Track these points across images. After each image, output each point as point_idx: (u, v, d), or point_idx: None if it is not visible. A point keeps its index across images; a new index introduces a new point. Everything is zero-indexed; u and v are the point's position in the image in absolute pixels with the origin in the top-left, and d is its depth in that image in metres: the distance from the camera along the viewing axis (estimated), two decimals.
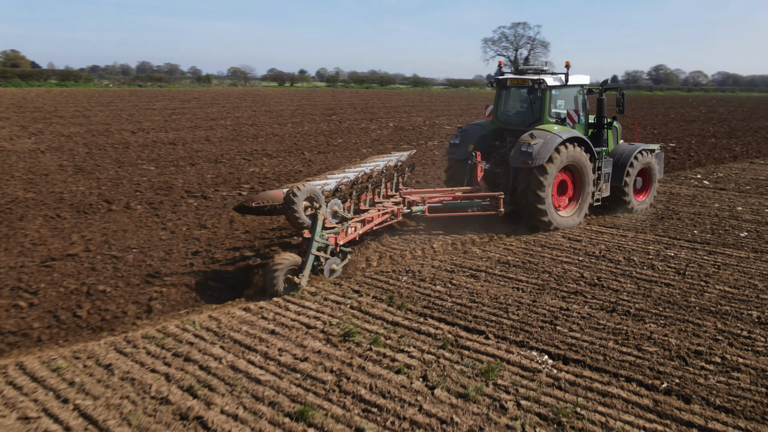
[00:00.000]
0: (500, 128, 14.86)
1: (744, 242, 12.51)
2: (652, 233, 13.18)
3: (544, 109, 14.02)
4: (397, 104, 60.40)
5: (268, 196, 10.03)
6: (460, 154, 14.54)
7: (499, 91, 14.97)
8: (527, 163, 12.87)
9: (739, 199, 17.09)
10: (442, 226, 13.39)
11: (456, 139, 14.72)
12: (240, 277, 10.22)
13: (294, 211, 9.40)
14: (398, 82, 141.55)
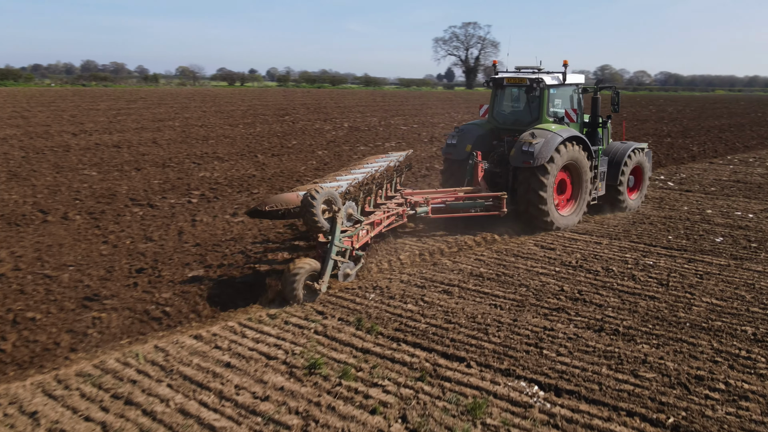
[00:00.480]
0: (497, 128, 14.72)
1: (721, 248, 12.03)
2: (626, 240, 12.63)
3: (542, 108, 13.94)
4: (351, 104, 59.49)
5: (281, 200, 9.71)
6: (458, 154, 14.30)
7: (495, 91, 14.82)
8: (529, 163, 12.76)
9: (706, 201, 16.74)
10: (408, 233, 12.61)
11: (453, 139, 14.47)
12: (190, 298, 9.22)
13: (313, 215, 9.07)
14: (350, 81, 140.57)
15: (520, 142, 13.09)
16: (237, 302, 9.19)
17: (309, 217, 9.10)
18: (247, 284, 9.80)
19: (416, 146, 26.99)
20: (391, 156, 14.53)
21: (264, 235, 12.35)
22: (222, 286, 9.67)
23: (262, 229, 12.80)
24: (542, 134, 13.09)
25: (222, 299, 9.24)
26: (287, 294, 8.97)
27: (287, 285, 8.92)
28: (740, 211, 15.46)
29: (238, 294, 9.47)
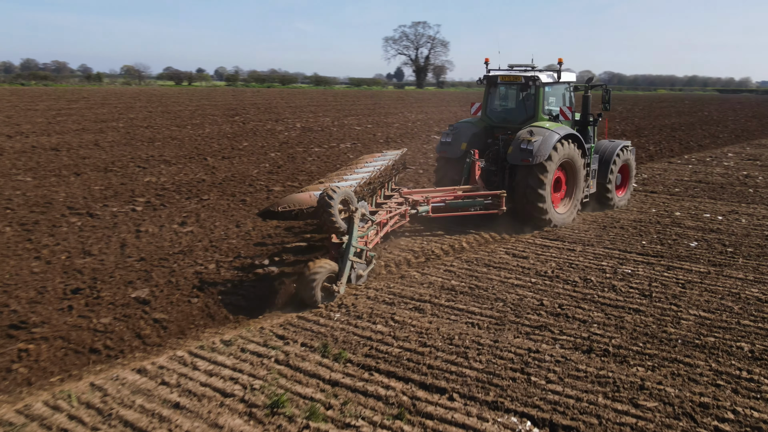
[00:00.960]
0: (490, 126, 14.64)
1: (698, 254, 11.56)
2: (600, 246, 12.06)
3: (538, 106, 13.94)
4: (302, 104, 58.33)
5: (294, 200, 9.56)
6: (453, 153, 14.14)
7: (488, 89, 14.77)
8: (528, 161, 12.77)
9: (673, 202, 16.38)
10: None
11: (447, 137, 14.31)
12: (133, 322, 8.21)
13: (330, 215, 8.94)
14: (300, 81, 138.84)
15: (518, 140, 13.06)
16: (187, 326, 8.24)
17: (326, 217, 8.96)
18: (199, 305, 8.84)
19: (372, 147, 26.19)
20: (388, 155, 14.28)
21: (215, 247, 11.37)
22: (170, 308, 8.68)
23: (213, 240, 11.81)
24: (540, 132, 13.08)
25: (170, 323, 8.26)
26: (305, 297, 8.76)
27: (305, 287, 8.70)
28: (708, 213, 15.11)
29: (189, 317, 8.51)
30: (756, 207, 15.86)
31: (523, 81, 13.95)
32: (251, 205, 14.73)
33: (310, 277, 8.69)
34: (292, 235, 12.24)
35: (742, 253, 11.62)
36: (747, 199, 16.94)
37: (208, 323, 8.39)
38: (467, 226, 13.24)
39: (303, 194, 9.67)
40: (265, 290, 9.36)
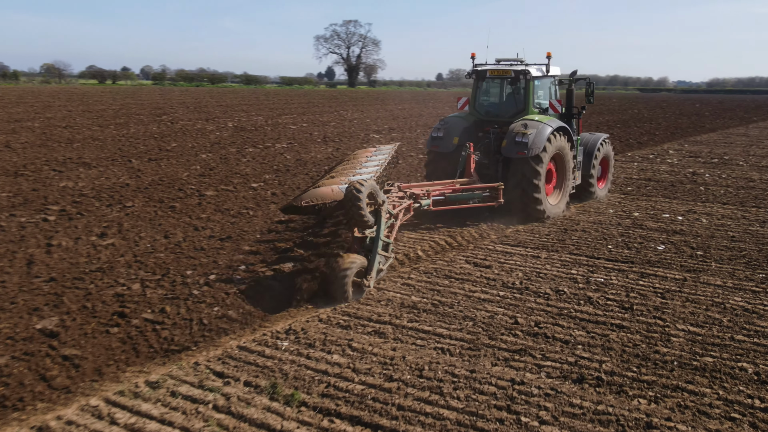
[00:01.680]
0: (479, 120, 14.71)
1: (668, 259, 10.83)
2: (565, 252, 11.21)
3: (528, 99, 14.10)
4: (233, 102, 56.32)
5: (317, 195, 9.42)
6: (445, 147, 14.10)
7: (477, 83, 14.84)
8: (523, 153, 12.87)
9: (628, 202, 15.76)
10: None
11: (439, 132, 14.27)
12: (38, 362, 6.77)
13: (359, 208, 8.86)
14: (230, 80, 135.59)
15: (513, 133, 13.20)
16: (105, 364, 6.86)
17: (355, 211, 8.85)
18: (120, 335, 7.45)
19: (309, 147, 24.93)
20: (383, 149, 14.08)
21: (140, 262, 9.93)
22: (83, 341, 7.24)
23: (137, 254, 10.36)
24: (534, 125, 13.21)
25: (83, 361, 6.84)
26: (336, 293, 8.56)
27: (337, 283, 8.51)
28: (667, 213, 14.52)
29: (107, 351, 7.11)
30: (712, 206, 15.39)
31: (513, 75, 14.10)
32: (181, 212, 13.28)
33: (341, 273, 8.49)
34: (231, 246, 10.91)
35: (713, 257, 10.95)
36: (701, 197, 16.49)
37: (130, 359, 7.03)
38: (418, 229, 12.23)
39: (325, 189, 9.36)
40: (202, 314, 8.04)
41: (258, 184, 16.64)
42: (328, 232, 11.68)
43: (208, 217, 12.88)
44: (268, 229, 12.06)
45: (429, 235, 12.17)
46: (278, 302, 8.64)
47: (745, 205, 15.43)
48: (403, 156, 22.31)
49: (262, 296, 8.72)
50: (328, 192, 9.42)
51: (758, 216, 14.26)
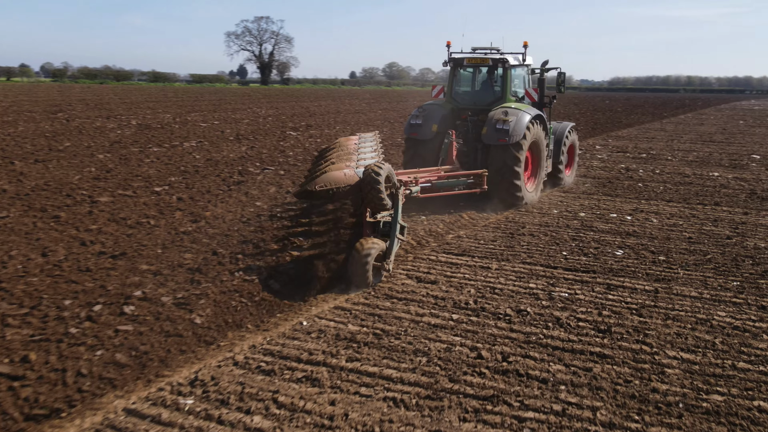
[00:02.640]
0: (456, 107, 14.77)
1: (630, 266, 9.67)
2: (517, 261, 9.87)
3: (506, 87, 14.27)
4: (139, 100, 52.95)
5: (331, 179, 9.16)
6: (424, 134, 14.09)
7: (454, 71, 14.98)
8: (504, 140, 12.99)
9: (570, 200, 14.68)
10: None
11: (418, 119, 14.26)
12: None
13: (379, 191, 8.82)
14: (136, 77, 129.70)
15: (493, 120, 13.29)
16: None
17: (374, 194, 8.77)
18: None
19: (221, 145, 22.88)
20: (366, 137, 13.92)
21: (4, 290, 7.90)
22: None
23: (2, 278, 8.30)
24: (513, 113, 13.34)
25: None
26: (357, 277, 8.44)
27: (358, 267, 8.38)
28: (613, 212, 13.49)
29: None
30: (656, 204, 14.48)
31: (491, 63, 14.31)
32: (67, 223, 11.19)
33: (364, 256, 8.34)
34: (125, 265, 8.98)
35: (678, 263, 9.86)
36: (642, 194, 15.61)
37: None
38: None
39: (338, 173, 9.09)
40: (80, 362, 6.18)
41: (162, 188, 14.62)
42: (201, 260, 9.95)
43: (99, 229, 10.85)
44: (172, 241, 10.19)
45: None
46: (182, 341, 6.87)
47: (690, 203, 14.61)
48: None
49: (161, 333, 6.93)
50: (340, 176, 9.07)
51: (707, 214, 13.42)
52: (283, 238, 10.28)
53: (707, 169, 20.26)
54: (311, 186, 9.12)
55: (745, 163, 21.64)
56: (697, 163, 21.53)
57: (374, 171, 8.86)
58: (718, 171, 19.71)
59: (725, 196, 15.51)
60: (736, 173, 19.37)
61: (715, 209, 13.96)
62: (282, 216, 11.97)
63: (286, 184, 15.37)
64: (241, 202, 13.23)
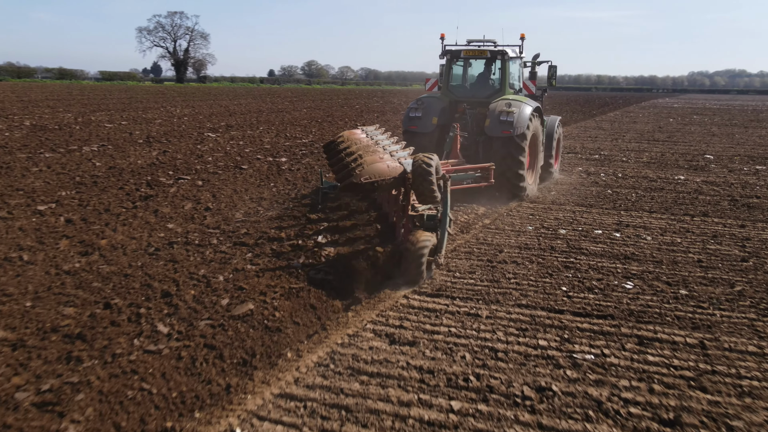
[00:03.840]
0: (453, 100, 14.61)
1: (652, 305, 7.63)
2: (508, 302, 7.67)
3: (505, 80, 14.18)
4: (38, 98, 48.29)
5: (375, 171, 8.32)
6: (424, 128, 13.87)
7: (450, 63, 14.76)
8: (509, 132, 12.87)
9: (542, 214, 12.63)
10: None
11: (417, 111, 14.02)
12: None
13: (431, 183, 8.27)
14: (40, 74, 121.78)
15: (495, 112, 13.16)
16: None
17: (426, 185, 8.28)
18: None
19: (127, 150, 19.85)
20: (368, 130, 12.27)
21: None
22: None
23: None
24: (516, 104, 13.22)
25: None
26: (412, 272, 8.21)
27: (413, 262, 8.15)
28: (597, 227, 11.53)
29: None
30: (639, 215, 12.63)
31: (490, 55, 14.23)
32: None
33: (418, 251, 8.16)
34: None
35: (705, 298, 7.89)
36: (617, 204, 13.75)
37: None
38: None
39: (382, 165, 8.57)
40: None
41: (47, 206, 11.70)
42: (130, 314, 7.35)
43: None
44: (49, 287, 7.47)
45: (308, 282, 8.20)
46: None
47: (674, 213, 12.83)
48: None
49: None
50: (384, 168, 8.53)
51: (701, 228, 11.64)
52: (207, 289, 7.75)
53: (669, 171, 18.74)
54: (356, 179, 8.36)
55: (703, 164, 20.31)
56: (655, 165, 20.02)
57: (425, 162, 8.34)
58: (682, 174, 18.19)
59: (706, 204, 13.84)
60: (701, 176, 17.91)
61: (706, 221, 12.21)
62: (202, 245, 9.40)
63: (205, 199, 12.73)
64: (149, 225, 10.56)
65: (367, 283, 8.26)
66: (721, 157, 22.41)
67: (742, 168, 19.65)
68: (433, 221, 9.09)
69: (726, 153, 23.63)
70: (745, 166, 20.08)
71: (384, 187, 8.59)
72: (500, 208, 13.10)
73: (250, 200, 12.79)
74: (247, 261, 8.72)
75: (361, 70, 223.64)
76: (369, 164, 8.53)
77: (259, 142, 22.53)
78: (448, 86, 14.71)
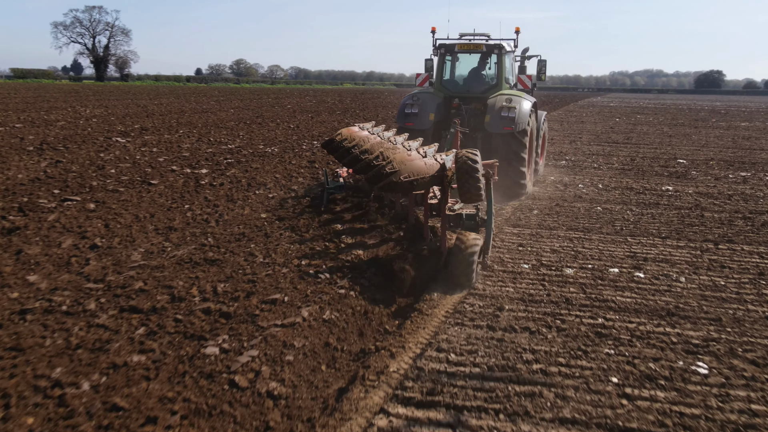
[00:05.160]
0: (447, 96, 14.05)
1: (760, 418, 5.02)
2: (543, 412, 4.93)
3: (501, 74, 13.82)
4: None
5: (413, 169, 7.81)
6: (421, 124, 13.27)
7: (443, 58, 14.36)
8: (510, 128, 12.58)
9: (535, 243, 9.95)
10: None
11: (413, 108, 13.42)
12: None
13: (477, 180, 7.83)
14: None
15: (495, 108, 12.88)
16: None
17: (473, 183, 7.82)
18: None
19: (10, 160, 16.27)
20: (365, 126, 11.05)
21: None
22: None
23: None
24: (516, 100, 12.92)
25: None
26: (462, 275, 7.71)
27: (464, 264, 7.65)
28: (609, 263, 8.93)
29: None
30: (651, 242, 10.13)
31: (485, 50, 13.91)
32: None
33: (469, 252, 7.65)
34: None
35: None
36: (617, 226, 11.20)
37: None
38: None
39: (419, 163, 7.96)
40: None
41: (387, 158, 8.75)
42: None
43: None
44: None
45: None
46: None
47: (692, 240, 10.37)
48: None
49: None
50: (422, 166, 7.89)
51: (736, 261, 9.19)
52: (57, 412, 4.72)
53: (650, 180, 16.45)
54: (395, 177, 7.77)
55: (682, 171, 18.16)
56: (632, 173, 17.71)
57: (470, 158, 7.93)
58: (666, 183, 15.89)
59: (720, 224, 11.47)
60: (689, 185, 15.67)
61: (735, 250, 9.79)
62: (71, 313, 6.30)
63: (94, 231, 9.56)
64: (1, 278, 7.39)
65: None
66: (695, 161, 20.38)
67: (727, 175, 17.57)
68: (473, 221, 8.84)
69: (696, 157, 21.67)
70: (728, 173, 18.05)
71: (422, 185, 8.05)
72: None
73: (154, 231, 9.70)
74: (135, 345, 5.71)
75: (291, 69, 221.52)
76: (400, 162, 7.87)
77: (177, 149, 19.22)
78: (442, 81, 14.25)
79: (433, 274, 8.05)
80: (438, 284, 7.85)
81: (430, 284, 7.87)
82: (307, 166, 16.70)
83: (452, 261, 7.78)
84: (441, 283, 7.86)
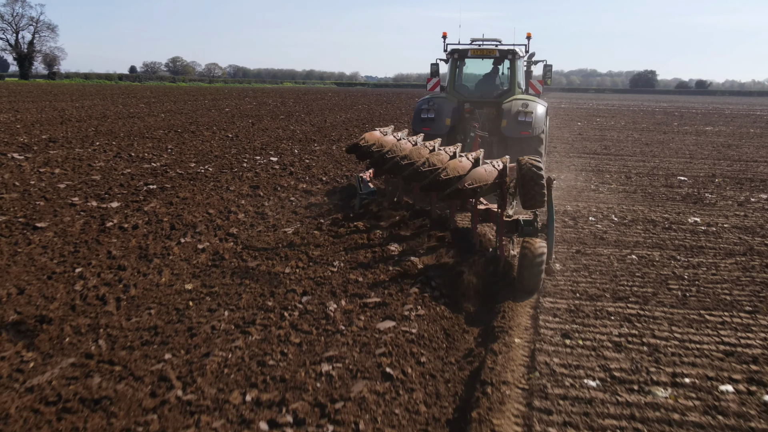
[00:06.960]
0: (460, 100, 14.34)
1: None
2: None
3: (514, 79, 14.12)
4: None
5: (476, 177, 7.83)
6: (438, 129, 13.43)
7: (456, 63, 14.50)
8: (528, 133, 12.78)
9: (584, 326, 6.95)
10: None
11: (429, 113, 13.56)
12: None
13: (542, 187, 7.86)
14: None
15: (512, 112, 13.02)
16: None
17: (537, 189, 7.85)
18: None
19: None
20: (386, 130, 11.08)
21: None
22: None
23: None
24: (532, 105, 13.05)
25: None
26: (531, 282, 7.62)
27: (533, 270, 7.54)
28: (712, 372, 5.98)
29: None
30: (740, 321, 7.25)
31: (498, 55, 14.17)
32: None
33: (538, 259, 7.52)
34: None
35: None
36: (677, 291, 8.29)
37: None
38: None
39: (480, 170, 7.99)
40: None
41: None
42: None
43: None
44: None
45: None
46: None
47: (754, 315, 7.55)
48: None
49: None
50: (484, 174, 7.95)
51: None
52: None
53: (668, 208, 13.53)
54: (460, 184, 7.59)
55: (693, 193, 15.50)
56: (638, 196, 14.91)
57: (535, 165, 7.82)
58: (691, 213, 13.06)
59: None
60: (717, 216, 12.90)
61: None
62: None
63: None
64: None
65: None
66: (697, 179, 17.81)
67: (748, 198, 14.98)
68: (531, 226, 8.56)
69: (693, 172, 19.13)
70: (743, 194, 15.52)
71: (485, 191, 8.05)
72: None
73: (11, 329, 6.32)
74: None
75: (229, 68, 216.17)
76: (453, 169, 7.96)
77: (86, 169, 15.58)
78: (455, 86, 14.53)
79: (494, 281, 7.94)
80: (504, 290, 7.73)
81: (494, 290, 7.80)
82: (249, 195, 13.32)
83: (520, 267, 7.64)
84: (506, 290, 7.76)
